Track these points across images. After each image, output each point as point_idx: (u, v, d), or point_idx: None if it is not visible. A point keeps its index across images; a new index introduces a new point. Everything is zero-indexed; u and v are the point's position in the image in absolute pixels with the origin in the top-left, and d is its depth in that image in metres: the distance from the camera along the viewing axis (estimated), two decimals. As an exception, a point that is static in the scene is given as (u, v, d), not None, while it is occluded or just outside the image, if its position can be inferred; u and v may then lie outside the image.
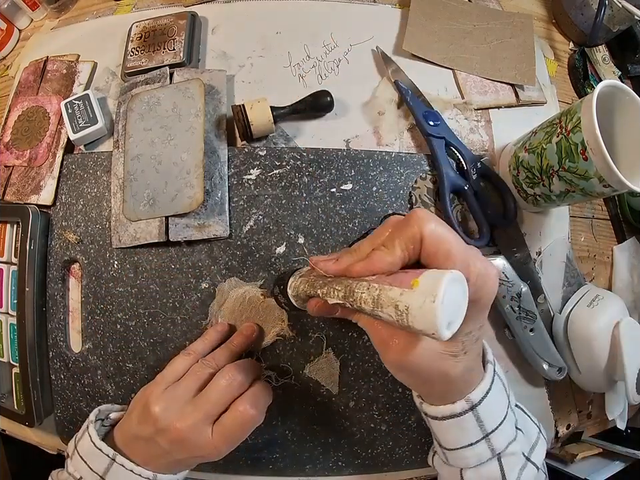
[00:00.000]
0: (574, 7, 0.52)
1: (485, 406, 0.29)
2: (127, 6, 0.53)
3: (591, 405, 0.49)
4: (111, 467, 0.33)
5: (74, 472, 0.33)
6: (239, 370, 0.35)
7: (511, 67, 0.49)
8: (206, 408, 0.33)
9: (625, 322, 0.41)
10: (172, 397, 0.34)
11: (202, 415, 0.33)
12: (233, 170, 0.44)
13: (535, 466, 0.32)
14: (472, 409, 0.28)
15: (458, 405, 0.28)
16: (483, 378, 0.29)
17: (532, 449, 0.32)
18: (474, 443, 0.29)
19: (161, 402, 0.33)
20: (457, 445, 0.30)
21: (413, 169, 0.45)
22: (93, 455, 0.33)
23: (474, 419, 0.29)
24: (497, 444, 0.30)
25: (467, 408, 0.28)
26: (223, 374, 0.35)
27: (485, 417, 0.29)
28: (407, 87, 0.46)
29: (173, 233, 0.41)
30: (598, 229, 0.51)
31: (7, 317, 0.44)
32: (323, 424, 0.42)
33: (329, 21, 0.50)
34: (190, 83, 0.43)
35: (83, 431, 0.34)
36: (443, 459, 0.32)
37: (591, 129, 0.34)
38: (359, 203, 0.44)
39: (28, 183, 0.45)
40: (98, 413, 0.36)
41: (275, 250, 0.43)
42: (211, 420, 0.33)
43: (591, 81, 0.53)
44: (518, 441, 0.31)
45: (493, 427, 0.29)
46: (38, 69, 0.49)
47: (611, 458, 0.51)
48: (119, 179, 0.43)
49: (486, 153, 0.47)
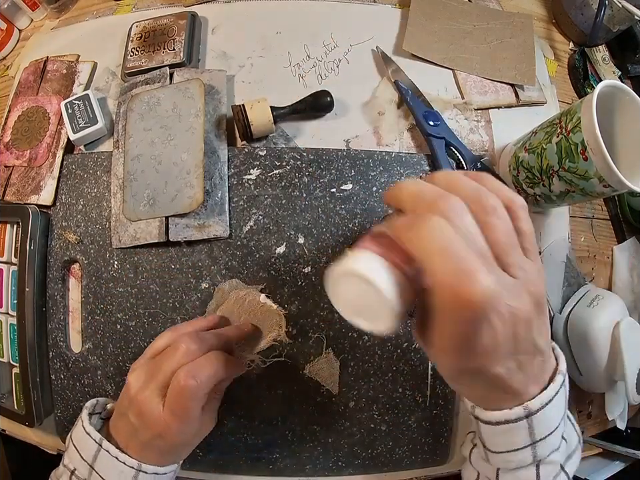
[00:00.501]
0: (574, 6, 0.52)
1: (541, 415, 0.27)
2: (127, 6, 0.53)
3: (591, 405, 0.49)
4: (98, 454, 0.32)
5: (68, 464, 0.33)
6: (195, 339, 0.33)
7: (511, 67, 0.49)
8: (157, 377, 0.32)
9: (625, 322, 0.41)
10: (145, 368, 0.34)
11: (153, 384, 0.32)
12: (233, 170, 0.44)
13: (567, 476, 0.31)
14: (527, 417, 0.27)
15: (514, 411, 0.27)
16: (546, 387, 0.27)
17: (568, 458, 0.31)
18: (520, 448, 0.28)
19: (135, 371, 0.33)
20: (502, 448, 0.29)
21: (412, 169, 0.45)
22: (83, 441, 0.33)
23: (526, 427, 0.27)
24: (541, 452, 0.28)
25: (523, 415, 0.27)
26: (177, 342, 0.33)
27: (538, 426, 0.27)
28: (406, 86, 0.46)
29: (173, 233, 0.41)
30: (598, 229, 0.51)
31: (6, 317, 0.44)
32: (323, 424, 0.42)
33: (328, 20, 0.50)
34: (190, 83, 0.43)
35: (77, 419, 0.35)
36: (484, 456, 0.31)
37: (591, 129, 0.34)
38: (359, 203, 0.44)
39: (28, 183, 0.45)
40: (96, 404, 0.36)
41: (275, 250, 0.43)
42: (163, 391, 0.32)
43: (591, 80, 0.53)
44: (560, 451, 0.30)
45: (542, 435, 0.28)
46: (38, 69, 0.49)
47: (611, 458, 0.51)
48: (119, 179, 0.43)
49: (486, 153, 0.47)
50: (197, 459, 0.43)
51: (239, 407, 0.42)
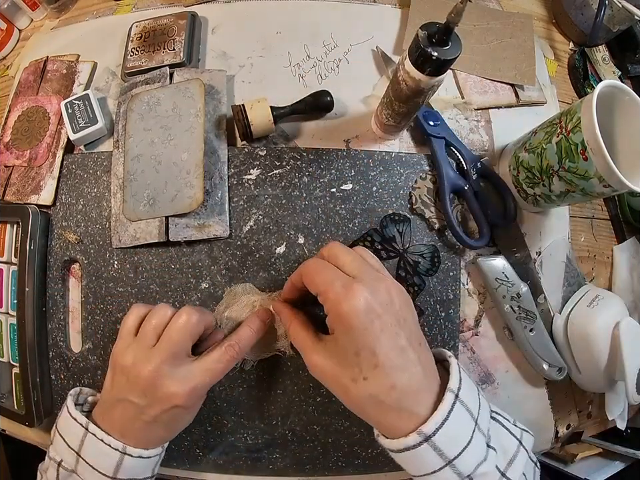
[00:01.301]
0: (574, 6, 0.52)
1: (441, 437, 0.27)
2: (127, 6, 0.53)
3: (591, 404, 0.49)
4: (85, 439, 0.32)
5: (54, 456, 0.33)
6: (196, 310, 0.35)
7: (511, 67, 0.49)
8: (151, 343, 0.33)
9: (625, 322, 0.41)
10: (135, 346, 0.34)
11: (155, 354, 0.32)
12: (233, 170, 0.44)
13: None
14: (426, 441, 0.27)
15: (410, 438, 0.28)
16: (438, 409, 0.28)
17: (509, 464, 0.30)
18: (437, 470, 0.28)
19: (124, 355, 0.34)
20: (420, 472, 0.29)
21: (413, 169, 0.45)
22: (68, 427, 0.33)
23: (431, 449, 0.28)
24: (464, 467, 0.28)
25: (421, 440, 0.27)
26: (179, 312, 0.34)
27: (444, 446, 0.28)
28: (407, 86, 0.46)
29: (173, 233, 0.41)
30: (598, 229, 0.51)
31: (6, 317, 0.44)
32: (322, 424, 0.42)
33: (328, 20, 0.50)
34: (190, 83, 0.43)
35: (62, 407, 0.35)
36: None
37: (591, 129, 0.34)
38: (359, 203, 0.44)
39: (28, 183, 0.45)
40: (79, 392, 0.36)
41: (275, 250, 0.43)
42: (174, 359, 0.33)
43: (591, 80, 0.53)
44: (489, 460, 0.29)
45: (455, 453, 0.28)
46: (38, 69, 0.49)
47: (611, 458, 0.51)
48: (119, 178, 0.43)
49: (486, 153, 0.47)
50: (197, 459, 0.43)
51: (239, 407, 0.42)
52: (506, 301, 0.42)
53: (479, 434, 0.29)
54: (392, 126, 0.42)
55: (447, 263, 0.44)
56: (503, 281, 0.42)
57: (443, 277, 0.44)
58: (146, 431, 0.33)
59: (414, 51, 0.32)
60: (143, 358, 0.33)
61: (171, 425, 0.34)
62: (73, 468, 0.32)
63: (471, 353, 0.44)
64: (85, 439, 0.32)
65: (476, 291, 0.45)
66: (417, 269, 0.43)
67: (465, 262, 0.45)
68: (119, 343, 0.35)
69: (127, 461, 0.32)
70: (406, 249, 0.44)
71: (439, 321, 0.43)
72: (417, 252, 0.44)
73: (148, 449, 0.34)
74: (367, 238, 0.43)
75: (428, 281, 0.43)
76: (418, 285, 0.43)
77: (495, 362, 0.45)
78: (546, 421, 0.46)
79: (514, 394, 0.45)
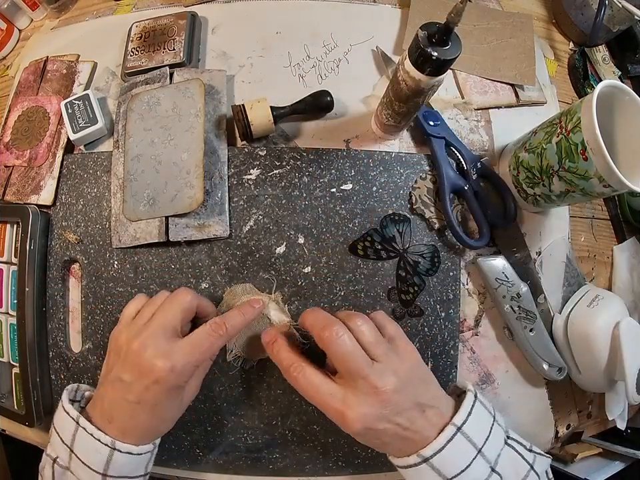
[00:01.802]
0: (574, 6, 0.52)
1: (439, 459, 0.31)
2: (127, 6, 0.53)
3: (591, 404, 0.49)
4: (76, 434, 0.32)
5: (51, 452, 0.33)
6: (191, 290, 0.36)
7: (511, 67, 0.49)
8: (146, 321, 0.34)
9: (625, 322, 0.41)
10: (131, 325, 0.35)
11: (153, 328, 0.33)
12: (233, 170, 0.44)
13: None
14: (425, 462, 0.31)
15: (411, 458, 0.32)
16: (436, 439, 0.31)
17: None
18: None
19: (121, 333, 0.35)
20: None
21: (413, 169, 0.45)
22: (62, 422, 0.33)
23: (430, 469, 0.31)
24: None
25: (419, 461, 0.31)
26: (174, 292, 0.36)
27: (442, 467, 0.31)
28: (407, 86, 0.46)
29: (173, 233, 0.41)
30: (598, 229, 0.51)
31: (6, 317, 0.44)
32: (322, 424, 0.42)
33: (328, 21, 0.50)
34: (190, 83, 0.43)
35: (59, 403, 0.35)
36: None
37: (591, 129, 0.34)
38: (359, 203, 0.44)
39: (28, 182, 0.45)
40: (76, 389, 0.36)
41: (275, 250, 0.43)
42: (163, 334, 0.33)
43: (591, 80, 0.53)
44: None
45: (453, 474, 0.31)
46: (38, 69, 0.49)
47: (611, 458, 0.51)
48: (119, 178, 0.43)
49: (486, 153, 0.47)
50: (197, 459, 0.43)
51: (238, 407, 0.42)
52: (506, 301, 0.42)
53: (480, 459, 0.32)
54: (392, 126, 0.42)
55: (447, 263, 0.44)
56: (503, 280, 0.42)
57: (443, 277, 0.44)
58: (131, 414, 0.32)
59: (414, 51, 0.32)
60: (134, 334, 0.33)
61: (156, 411, 0.33)
62: (67, 465, 0.32)
63: (470, 353, 0.44)
64: (77, 433, 0.32)
65: (476, 290, 0.45)
66: (417, 269, 0.43)
67: (465, 262, 0.45)
68: (118, 326, 0.36)
69: (117, 457, 0.32)
70: (406, 249, 0.44)
71: (439, 321, 0.43)
72: (417, 252, 0.44)
73: (138, 445, 0.33)
74: (367, 238, 0.43)
75: (428, 281, 0.43)
76: (418, 284, 0.43)
77: (494, 362, 0.45)
78: (546, 421, 0.46)
79: (514, 394, 0.45)
